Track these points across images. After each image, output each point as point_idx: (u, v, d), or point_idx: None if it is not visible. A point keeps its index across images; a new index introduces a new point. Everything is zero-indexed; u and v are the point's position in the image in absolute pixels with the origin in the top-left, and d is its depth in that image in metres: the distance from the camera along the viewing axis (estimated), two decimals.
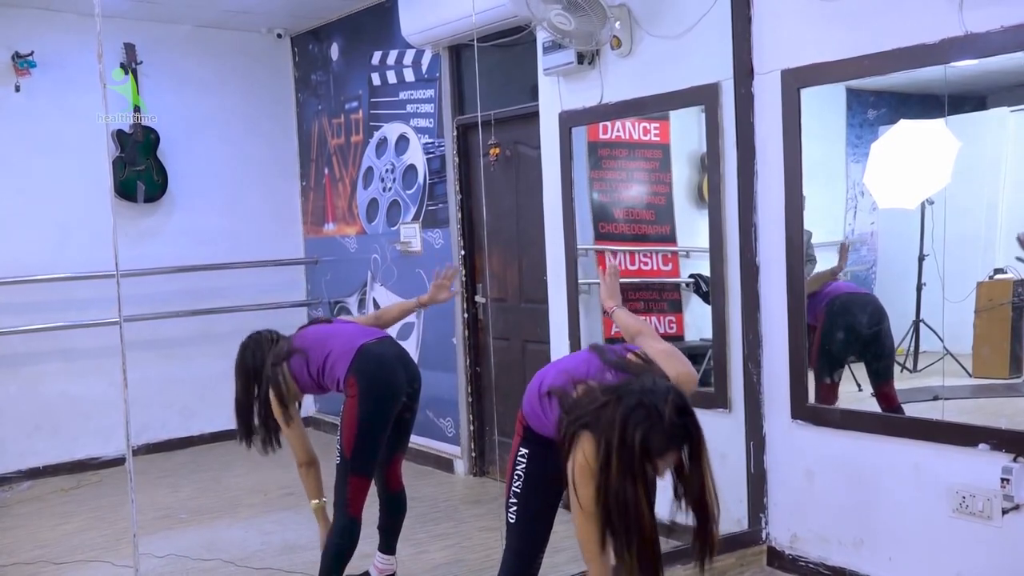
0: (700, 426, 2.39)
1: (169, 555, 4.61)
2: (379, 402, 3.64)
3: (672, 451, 2.34)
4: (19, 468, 6.24)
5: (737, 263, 4.21)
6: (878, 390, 4.03)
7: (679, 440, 2.34)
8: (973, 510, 3.44)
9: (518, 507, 2.77)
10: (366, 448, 3.61)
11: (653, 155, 5.06)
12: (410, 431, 3.96)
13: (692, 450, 2.38)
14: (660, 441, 2.30)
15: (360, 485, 3.62)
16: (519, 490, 2.77)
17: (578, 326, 4.93)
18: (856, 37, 3.66)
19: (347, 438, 3.58)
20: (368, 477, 3.66)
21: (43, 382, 6.37)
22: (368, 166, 6.67)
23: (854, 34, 3.67)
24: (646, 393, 2.34)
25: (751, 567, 4.17)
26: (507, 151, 5.49)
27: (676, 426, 2.32)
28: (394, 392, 3.70)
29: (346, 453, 3.59)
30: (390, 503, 3.99)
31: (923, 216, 3.84)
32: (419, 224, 6.19)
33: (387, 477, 3.95)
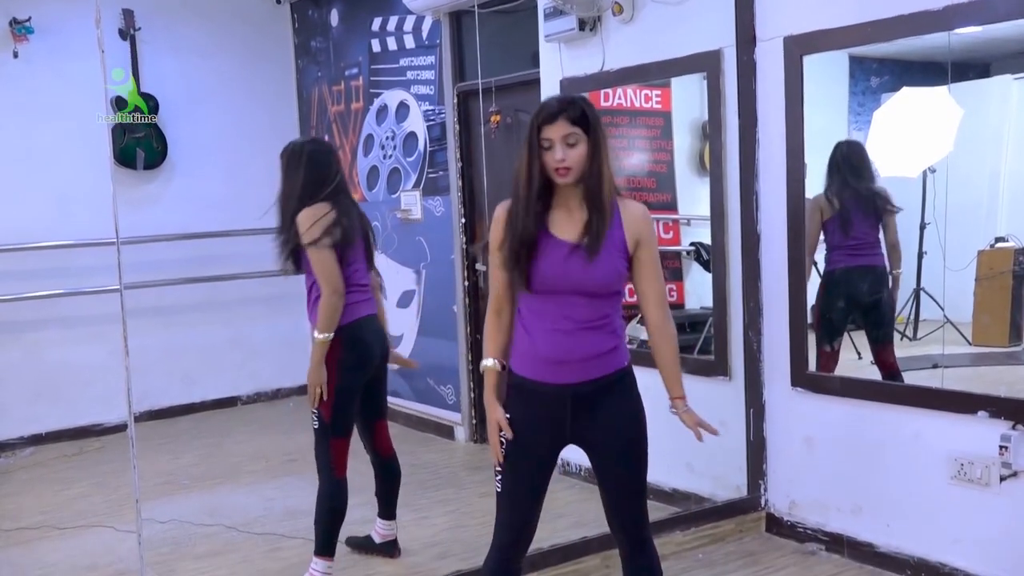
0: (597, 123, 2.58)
1: (171, 520, 4.64)
2: (356, 374, 3.69)
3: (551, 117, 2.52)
4: (21, 434, 6.27)
5: (738, 231, 4.21)
6: (877, 356, 4.04)
7: (555, 109, 2.52)
8: (971, 477, 3.46)
9: (503, 476, 2.69)
10: (344, 412, 3.66)
11: (654, 123, 5.04)
12: (386, 395, 4.01)
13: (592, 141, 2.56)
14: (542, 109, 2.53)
15: (341, 446, 3.66)
16: (504, 456, 2.68)
17: None
18: (859, 4, 3.63)
19: (325, 404, 3.61)
20: (347, 437, 3.69)
21: (45, 349, 6.39)
22: (368, 133, 6.64)
23: (857, 0, 3.64)
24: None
25: (750, 533, 4.20)
26: (508, 118, 5.47)
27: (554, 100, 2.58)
28: (369, 367, 3.76)
29: (325, 417, 3.62)
30: (383, 469, 4.02)
31: (925, 184, 3.83)
32: (420, 192, 6.18)
33: (376, 444, 3.97)
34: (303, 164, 3.68)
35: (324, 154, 3.76)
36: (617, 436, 2.68)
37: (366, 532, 4.11)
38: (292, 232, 3.61)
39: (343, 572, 3.83)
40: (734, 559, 3.97)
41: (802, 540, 4.07)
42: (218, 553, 4.25)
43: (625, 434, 2.69)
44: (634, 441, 2.70)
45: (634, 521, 2.75)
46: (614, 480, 2.72)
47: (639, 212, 2.67)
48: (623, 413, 2.69)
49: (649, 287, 2.71)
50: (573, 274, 2.56)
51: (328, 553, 3.65)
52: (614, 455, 2.70)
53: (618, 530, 2.77)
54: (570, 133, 2.52)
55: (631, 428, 2.70)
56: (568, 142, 2.52)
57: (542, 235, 2.59)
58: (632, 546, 2.75)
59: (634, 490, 2.73)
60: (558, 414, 2.64)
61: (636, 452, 2.71)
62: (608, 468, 2.72)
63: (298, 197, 3.64)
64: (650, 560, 2.76)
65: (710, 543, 4.10)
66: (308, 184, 3.66)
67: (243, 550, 4.25)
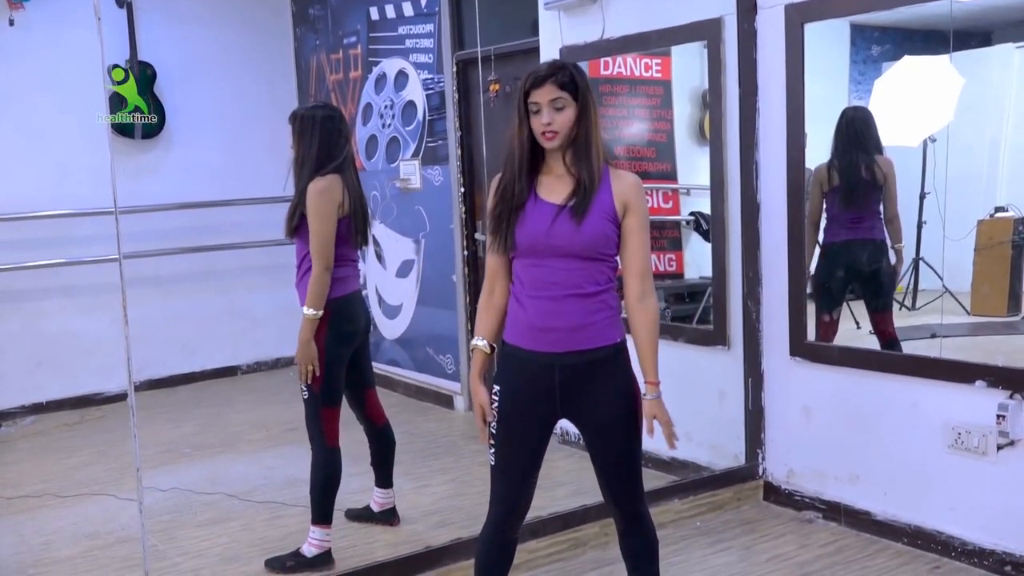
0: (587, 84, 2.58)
1: (172, 489, 4.67)
2: (344, 347, 3.70)
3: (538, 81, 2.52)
4: (22, 403, 6.28)
5: (738, 201, 4.20)
6: (876, 325, 4.05)
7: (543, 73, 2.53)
8: (968, 446, 3.47)
9: (496, 449, 2.67)
10: (333, 382, 3.68)
11: (654, 92, 5.02)
12: (370, 364, 4.03)
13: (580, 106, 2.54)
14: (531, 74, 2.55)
15: (332, 416, 3.68)
16: (495, 431, 2.66)
17: None
18: None
19: (315, 377, 3.62)
20: (337, 406, 3.71)
21: (45, 318, 6.40)
22: (367, 102, 6.62)
23: None
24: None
25: (748, 502, 4.23)
26: (507, 87, 5.44)
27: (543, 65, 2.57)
28: (355, 340, 3.77)
29: (315, 390, 3.63)
30: (377, 438, 4.04)
31: (925, 154, 3.82)
32: (419, 161, 6.16)
33: (368, 413, 3.99)
34: (316, 131, 3.66)
35: (335, 120, 3.74)
36: (607, 414, 2.64)
37: (365, 502, 4.13)
38: (301, 200, 3.61)
39: (343, 539, 3.86)
40: (732, 527, 4.00)
41: (799, 508, 4.10)
42: (219, 521, 4.28)
43: (616, 412, 2.64)
44: (625, 420, 2.65)
45: (628, 497, 2.74)
46: (604, 457, 2.70)
47: (631, 180, 2.65)
48: (614, 390, 2.64)
49: (632, 257, 2.64)
50: (558, 235, 2.55)
51: (325, 521, 3.68)
52: (605, 433, 2.67)
53: (612, 505, 2.77)
54: (557, 97, 2.51)
55: (622, 406, 2.65)
56: (555, 106, 2.52)
57: (530, 199, 2.60)
58: (627, 520, 2.76)
59: (626, 467, 2.71)
60: (546, 384, 2.62)
61: (627, 431, 2.66)
62: (599, 445, 2.69)
63: (312, 167, 3.63)
64: (645, 534, 2.77)
65: (708, 511, 4.13)
66: (320, 153, 3.65)
67: (244, 518, 4.28)
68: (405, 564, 3.41)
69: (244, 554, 3.87)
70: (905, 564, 3.56)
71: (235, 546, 3.98)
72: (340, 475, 3.71)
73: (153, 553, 3.61)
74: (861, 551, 3.70)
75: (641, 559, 2.79)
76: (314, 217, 3.54)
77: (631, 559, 2.80)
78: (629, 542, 2.79)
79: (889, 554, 3.66)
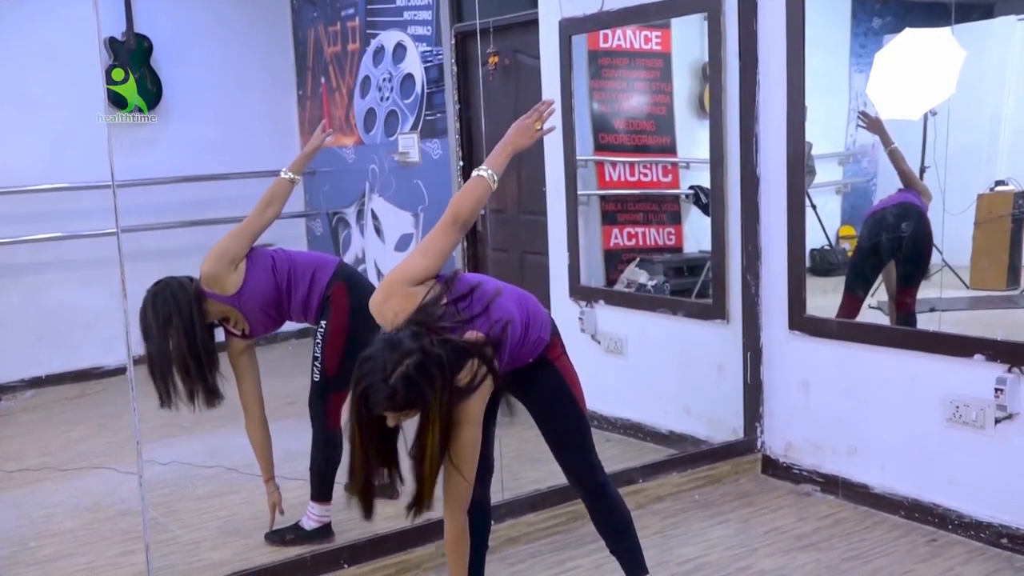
0: (429, 399, 2.29)
1: (172, 462, 4.68)
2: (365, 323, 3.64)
3: (390, 412, 2.31)
4: (22, 377, 6.29)
5: (737, 174, 4.19)
6: (899, 296, 4.03)
7: (396, 406, 2.29)
8: (967, 420, 3.48)
9: None
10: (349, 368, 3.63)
11: (654, 64, 4.99)
12: None
13: (421, 413, 2.33)
14: (378, 399, 2.28)
15: (340, 399, 3.63)
16: None
17: (577, 238, 4.93)
18: None
19: (332, 354, 3.58)
20: (348, 390, 3.68)
21: (44, 292, 6.39)
22: (365, 75, 6.58)
23: None
24: (387, 348, 2.31)
25: (746, 475, 4.24)
26: (506, 60, 5.42)
27: (395, 392, 2.27)
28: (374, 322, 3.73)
29: (329, 370, 3.59)
30: None
31: (925, 127, 3.80)
32: (417, 134, 6.14)
33: None
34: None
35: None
36: (543, 399, 2.77)
37: None
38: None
39: (343, 512, 3.85)
40: (730, 500, 4.02)
41: (797, 481, 4.11)
42: (219, 494, 4.29)
43: (550, 398, 2.76)
44: (559, 397, 2.77)
45: (583, 469, 2.83)
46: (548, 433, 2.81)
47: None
48: (544, 381, 2.76)
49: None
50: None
51: (325, 498, 3.69)
52: (546, 413, 2.79)
53: (573, 482, 2.86)
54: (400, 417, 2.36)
55: (554, 392, 2.76)
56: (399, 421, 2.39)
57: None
58: (589, 495, 2.85)
59: (574, 439, 2.81)
60: None
61: (564, 411, 2.78)
62: (544, 424, 2.81)
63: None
64: (608, 502, 2.85)
65: (706, 484, 4.14)
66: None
67: (244, 491, 4.30)
68: (405, 537, 3.42)
69: (244, 527, 3.89)
70: (902, 536, 3.58)
71: (235, 519, 4.00)
72: (340, 456, 3.71)
73: (153, 526, 3.62)
74: (858, 524, 3.72)
75: (614, 532, 2.88)
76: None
77: (605, 534, 2.90)
78: (599, 517, 2.88)
79: (886, 526, 3.68)
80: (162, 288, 3.48)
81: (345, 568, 3.29)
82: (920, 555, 3.43)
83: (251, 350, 3.72)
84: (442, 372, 2.29)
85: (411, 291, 2.48)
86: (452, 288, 2.48)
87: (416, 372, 2.25)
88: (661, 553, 3.47)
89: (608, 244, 5.03)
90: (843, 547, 3.51)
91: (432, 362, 2.27)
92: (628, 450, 4.60)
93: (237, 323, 3.60)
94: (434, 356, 2.28)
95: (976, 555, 3.40)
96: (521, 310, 2.65)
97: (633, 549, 2.88)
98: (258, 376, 3.73)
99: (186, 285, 3.50)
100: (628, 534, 2.87)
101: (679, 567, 3.41)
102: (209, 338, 3.53)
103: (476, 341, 2.40)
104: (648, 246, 5.05)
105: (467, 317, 2.44)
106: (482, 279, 2.65)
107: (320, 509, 3.68)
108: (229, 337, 3.64)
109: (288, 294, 3.60)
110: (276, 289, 3.59)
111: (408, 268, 2.55)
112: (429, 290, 2.46)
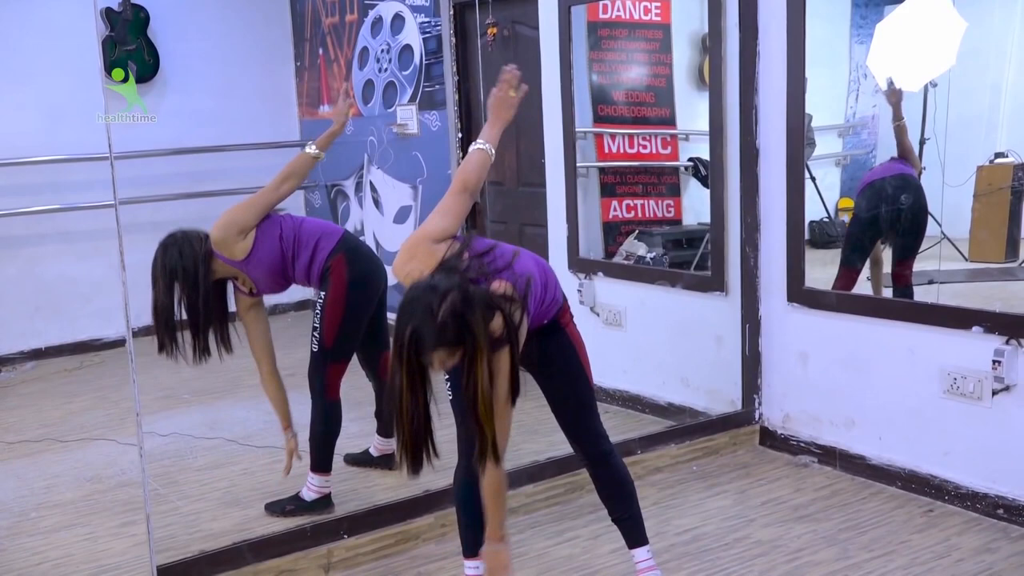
0: (476, 332, 2.26)
1: (172, 434, 4.70)
2: (364, 297, 3.67)
3: (441, 350, 2.26)
4: (21, 349, 6.30)
5: (737, 146, 4.18)
6: (897, 268, 4.03)
7: (447, 341, 2.25)
8: (964, 391, 3.49)
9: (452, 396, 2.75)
10: (349, 335, 3.66)
11: (653, 35, 4.97)
12: (387, 327, 3.96)
13: (467, 353, 2.29)
14: (429, 338, 2.23)
15: (337, 371, 3.67)
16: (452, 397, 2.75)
17: (576, 210, 4.92)
18: None
19: (330, 325, 3.59)
20: (346, 361, 3.70)
21: (42, 264, 6.38)
22: (363, 46, 6.54)
23: None
24: (428, 289, 2.27)
25: (744, 446, 4.26)
26: (505, 31, 5.38)
27: (446, 326, 2.23)
28: (374, 292, 3.74)
29: (327, 342, 3.61)
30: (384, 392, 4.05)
31: (925, 99, 3.79)
32: (416, 106, 6.12)
33: (379, 373, 3.97)
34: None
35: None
36: (551, 365, 2.79)
37: (364, 447, 4.16)
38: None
39: (342, 484, 3.89)
40: (728, 471, 4.04)
41: (795, 453, 4.13)
42: (219, 465, 4.31)
43: (559, 364, 2.79)
44: (567, 369, 2.79)
45: (589, 437, 2.85)
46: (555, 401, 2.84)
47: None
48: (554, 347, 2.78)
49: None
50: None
51: (325, 469, 3.71)
52: (553, 380, 2.81)
53: (578, 450, 2.89)
54: (448, 359, 2.31)
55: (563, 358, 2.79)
56: (446, 366, 2.34)
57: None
58: (594, 463, 2.88)
59: (579, 409, 2.83)
60: None
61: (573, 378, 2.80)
62: (551, 392, 2.84)
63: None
64: (616, 471, 2.88)
65: (704, 456, 4.16)
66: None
67: (244, 462, 4.31)
68: (404, 507, 3.44)
69: (244, 498, 3.91)
70: (899, 507, 3.60)
71: (235, 490, 4.01)
72: (340, 427, 3.73)
73: (154, 497, 3.64)
74: (855, 495, 3.74)
75: (618, 501, 2.90)
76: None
77: (608, 502, 2.93)
78: (602, 486, 2.91)
79: (883, 497, 3.70)
80: (173, 243, 3.55)
81: (345, 538, 3.31)
82: (917, 525, 3.45)
83: (259, 306, 3.76)
84: (483, 308, 2.28)
85: (433, 248, 2.50)
86: (471, 246, 2.49)
87: (462, 305, 2.23)
88: (659, 524, 3.49)
89: (607, 216, 5.03)
90: (840, 518, 3.53)
91: (474, 297, 2.27)
92: (626, 422, 4.61)
93: (244, 283, 3.63)
94: (474, 291, 2.29)
95: (972, 525, 3.43)
96: (539, 270, 2.70)
97: (635, 518, 2.90)
98: (267, 330, 3.77)
99: (195, 243, 3.54)
100: (631, 503, 2.89)
101: (677, 537, 3.43)
102: (213, 296, 3.57)
103: (504, 292, 2.40)
104: (647, 218, 5.04)
105: (492, 270, 2.45)
106: (498, 242, 2.66)
107: (320, 480, 3.69)
108: (237, 294, 3.69)
109: (292, 261, 3.62)
110: (282, 258, 3.61)
111: (427, 227, 2.58)
112: (449, 247, 2.48)
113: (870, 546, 3.30)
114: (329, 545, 3.27)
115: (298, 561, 3.21)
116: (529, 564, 3.28)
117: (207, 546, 3.21)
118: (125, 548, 3.51)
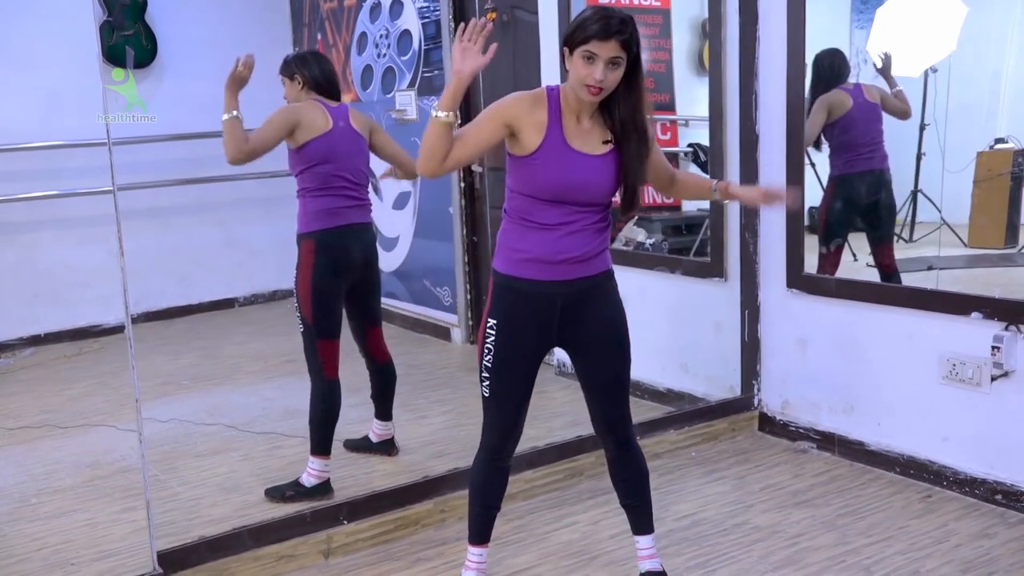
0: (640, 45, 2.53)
1: (172, 420, 4.70)
2: (333, 278, 3.67)
3: (622, 36, 2.46)
4: (21, 335, 6.30)
5: (737, 132, 4.17)
6: (879, 256, 4.05)
7: (612, 30, 2.45)
8: (963, 377, 3.50)
9: (491, 381, 2.68)
10: (325, 313, 3.67)
11: (653, 20, 4.95)
12: (377, 302, 3.97)
13: (631, 61, 2.51)
14: (621, 19, 2.49)
15: (328, 347, 3.67)
16: (490, 364, 2.66)
17: None
18: None
19: (304, 303, 3.64)
20: (335, 338, 3.70)
21: (41, 250, 6.38)
22: (362, 31, 6.52)
23: None
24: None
25: (743, 432, 4.27)
26: (504, 16, 5.37)
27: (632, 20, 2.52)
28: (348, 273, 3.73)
29: (307, 318, 3.64)
30: (379, 374, 4.06)
31: (926, 84, 3.78)
32: (415, 91, 6.10)
33: (370, 350, 3.99)
34: (313, 64, 4.20)
35: (329, 61, 4.07)
36: (602, 337, 2.73)
37: (363, 433, 4.16)
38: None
39: (342, 469, 3.90)
40: (727, 457, 4.04)
41: (794, 439, 4.14)
42: (219, 451, 4.31)
43: (610, 335, 2.73)
44: (618, 342, 2.75)
45: (620, 421, 2.82)
46: (598, 380, 2.77)
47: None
48: (607, 315, 2.72)
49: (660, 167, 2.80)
50: (592, 189, 2.56)
51: (324, 452, 3.71)
52: (600, 355, 2.75)
53: (605, 432, 2.84)
54: (617, 56, 2.46)
55: (615, 329, 2.74)
56: (612, 63, 2.46)
57: (559, 143, 2.54)
58: (618, 446, 2.83)
59: (619, 390, 2.80)
60: (547, 316, 2.65)
61: (621, 353, 2.76)
62: (593, 369, 2.77)
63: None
64: (636, 457, 2.85)
65: (703, 442, 4.17)
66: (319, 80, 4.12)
67: (243, 448, 4.32)
68: (404, 493, 3.45)
69: (244, 484, 3.91)
70: (897, 493, 3.61)
71: (235, 476, 4.02)
72: (339, 407, 3.73)
73: (154, 483, 3.64)
74: (854, 480, 3.75)
75: (633, 487, 2.87)
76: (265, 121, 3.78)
77: (623, 487, 2.89)
78: (620, 469, 2.87)
79: (882, 483, 3.71)
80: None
81: (344, 524, 3.31)
82: (915, 511, 3.46)
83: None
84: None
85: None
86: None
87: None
88: (658, 509, 3.48)
89: None
90: (838, 503, 3.54)
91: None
92: None
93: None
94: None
95: (970, 511, 3.44)
96: None
97: (647, 505, 2.89)
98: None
99: None
100: (645, 490, 2.88)
101: (676, 523, 3.44)
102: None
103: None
104: (646, 204, 5.03)
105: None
106: None
107: (320, 464, 3.70)
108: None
109: (295, 165, 4.01)
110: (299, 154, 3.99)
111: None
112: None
113: (868, 531, 3.31)
114: (328, 531, 3.28)
115: (298, 546, 3.22)
116: (529, 549, 3.28)
117: (207, 531, 3.22)
118: (125, 534, 3.52)
